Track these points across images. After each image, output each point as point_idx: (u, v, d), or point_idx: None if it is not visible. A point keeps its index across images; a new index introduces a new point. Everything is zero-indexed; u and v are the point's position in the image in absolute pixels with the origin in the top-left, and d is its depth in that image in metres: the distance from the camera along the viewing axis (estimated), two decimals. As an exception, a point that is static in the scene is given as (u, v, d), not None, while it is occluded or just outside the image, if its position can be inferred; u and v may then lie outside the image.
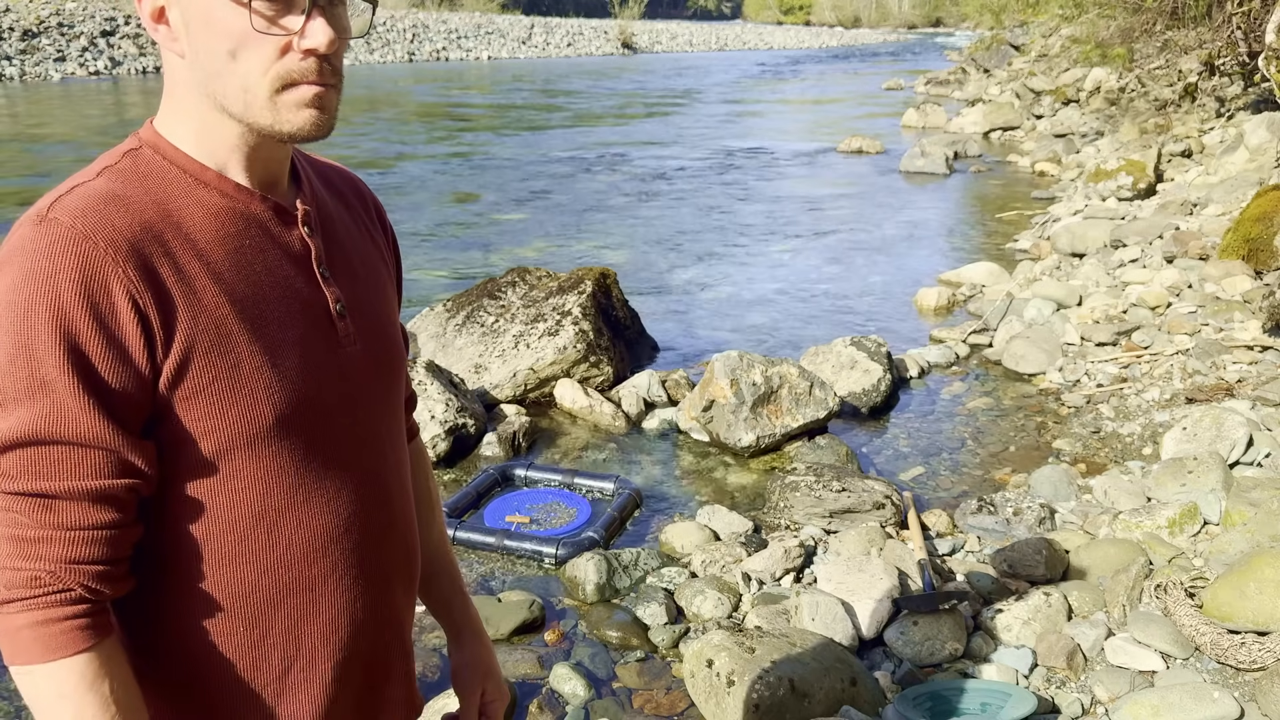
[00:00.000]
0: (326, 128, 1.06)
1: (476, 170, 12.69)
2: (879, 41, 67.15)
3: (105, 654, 1.00)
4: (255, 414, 1.03)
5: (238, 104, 1.02)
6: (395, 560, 1.22)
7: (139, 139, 1.08)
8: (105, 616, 1.01)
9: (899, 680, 2.91)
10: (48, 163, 12.62)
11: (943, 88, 24.00)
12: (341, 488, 1.13)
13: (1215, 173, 8.97)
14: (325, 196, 1.21)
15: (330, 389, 1.11)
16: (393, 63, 34.77)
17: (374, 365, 1.18)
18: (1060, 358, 5.43)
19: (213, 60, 1.01)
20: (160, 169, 1.05)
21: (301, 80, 1.02)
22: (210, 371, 1.00)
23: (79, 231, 0.96)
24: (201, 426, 1.02)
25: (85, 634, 0.98)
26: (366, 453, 1.17)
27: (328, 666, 1.15)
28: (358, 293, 1.17)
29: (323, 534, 1.12)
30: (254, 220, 1.08)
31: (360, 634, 1.18)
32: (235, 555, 1.07)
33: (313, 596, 1.12)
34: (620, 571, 3.49)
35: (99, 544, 0.98)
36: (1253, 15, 10.38)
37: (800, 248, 8.82)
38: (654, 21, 69.59)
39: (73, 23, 27.16)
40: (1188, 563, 3.30)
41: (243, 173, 1.08)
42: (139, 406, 0.99)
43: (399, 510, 1.23)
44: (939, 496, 4.17)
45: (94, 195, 1.00)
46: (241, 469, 1.05)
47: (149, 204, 1.02)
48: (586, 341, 5.12)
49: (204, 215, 1.04)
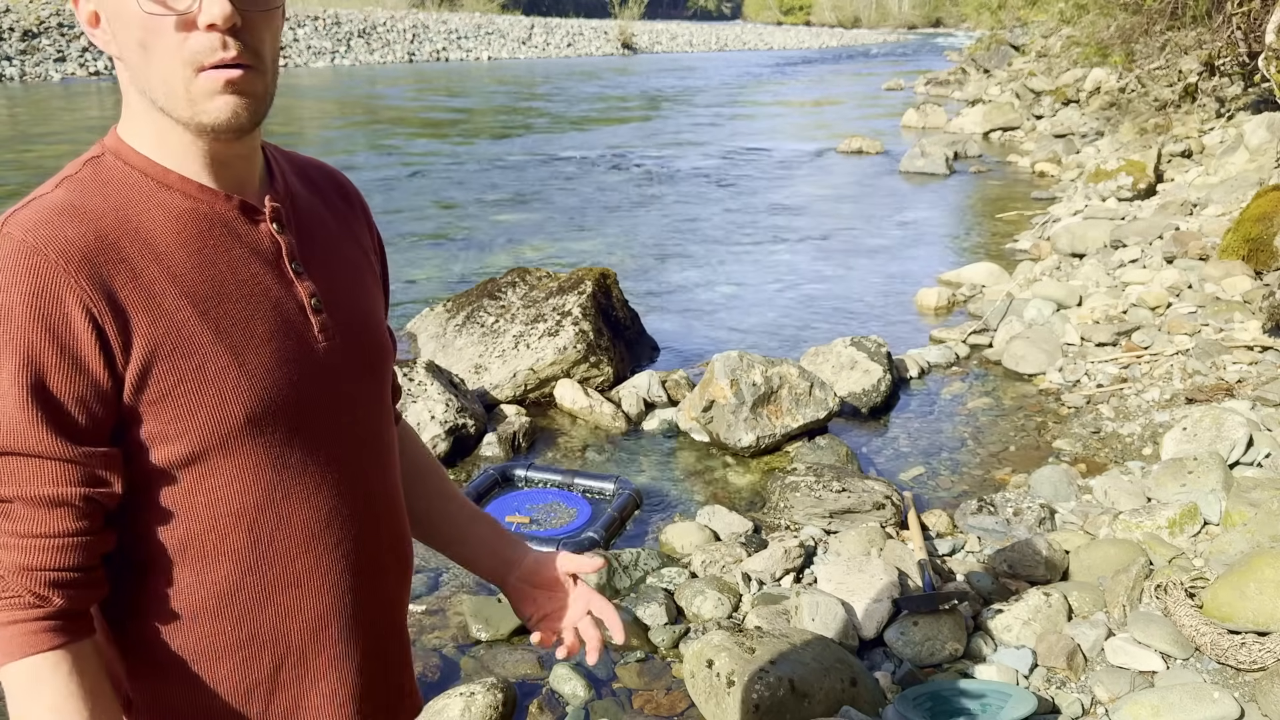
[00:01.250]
0: (250, 116, 1.03)
1: (476, 170, 12.68)
2: (879, 42, 67.16)
3: (61, 660, 0.99)
4: (224, 414, 1.03)
5: (160, 97, 1.01)
6: (385, 555, 1.22)
7: (103, 146, 1.07)
8: (68, 622, 1.01)
9: (899, 680, 2.91)
10: (48, 163, 12.62)
11: (943, 88, 24.00)
12: (323, 483, 1.12)
13: (1215, 173, 8.97)
14: (301, 192, 1.20)
15: (308, 384, 1.10)
16: (393, 63, 34.77)
17: (355, 360, 1.17)
18: (1060, 358, 5.43)
19: (132, 55, 1.01)
20: (122, 175, 1.05)
21: (210, 62, 0.99)
22: (174, 374, 1.01)
23: (30, 245, 0.96)
24: (173, 429, 1.02)
25: (37, 639, 0.98)
26: (350, 447, 1.16)
27: (320, 662, 1.15)
28: (335, 288, 1.17)
29: (305, 529, 1.11)
30: (218, 220, 1.07)
31: (352, 629, 1.17)
32: (218, 554, 1.07)
33: (300, 593, 1.12)
34: (620, 572, 3.49)
35: (53, 551, 0.98)
36: (1253, 15, 10.38)
37: (800, 248, 8.82)
38: (654, 22, 69.58)
39: (73, 23, 27.15)
40: (1188, 563, 3.30)
41: (205, 172, 1.07)
42: (98, 416, 0.99)
43: (387, 504, 1.22)
44: (939, 496, 4.17)
45: (48, 208, 1.00)
46: (217, 468, 1.05)
47: (107, 211, 1.01)
48: (586, 342, 5.12)
49: (165, 218, 1.04)
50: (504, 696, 2.79)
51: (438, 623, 3.28)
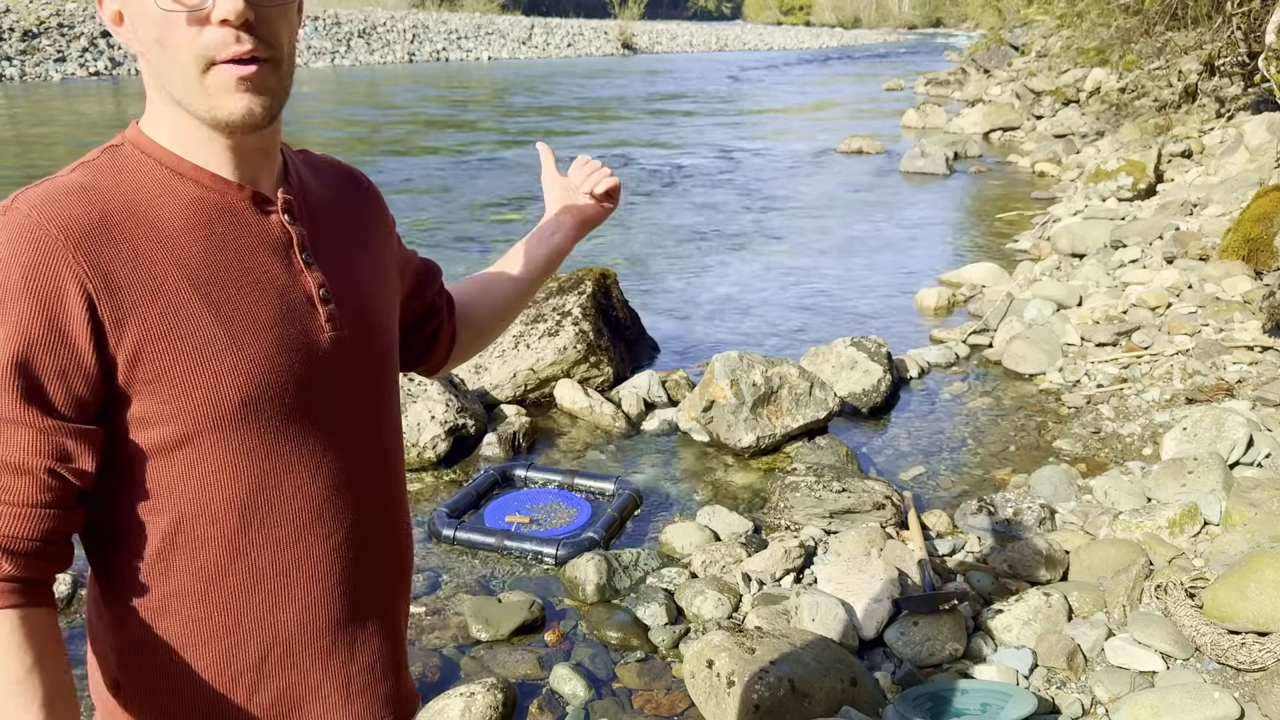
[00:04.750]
0: (265, 111, 1.05)
1: (476, 170, 12.69)
2: (879, 42, 67.15)
3: (11, 622, 0.98)
4: (219, 396, 1.04)
5: (179, 92, 1.04)
6: (380, 548, 1.21)
7: (123, 137, 1.10)
8: (23, 586, 0.99)
9: (899, 681, 2.91)
10: (48, 163, 12.62)
11: (943, 88, 24.00)
12: (318, 472, 1.12)
13: (1215, 173, 8.97)
14: (316, 188, 1.21)
15: (309, 373, 1.11)
16: (393, 63, 34.77)
17: (363, 351, 1.18)
18: (1060, 358, 5.43)
19: (152, 51, 1.03)
20: (137, 163, 1.07)
21: (223, 57, 1.01)
22: (170, 354, 1.02)
23: (34, 220, 0.99)
24: (167, 410, 1.03)
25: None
26: (349, 439, 1.16)
27: (308, 653, 1.15)
28: (346, 281, 1.17)
29: (297, 518, 1.11)
30: (228, 209, 1.09)
31: (342, 621, 1.17)
32: (207, 539, 1.08)
33: (288, 582, 1.12)
34: (620, 572, 3.49)
35: (11, 518, 0.99)
36: (1253, 15, 10.38)
37: (800, 248, 8.82)
38: (654, 22, 69.54)
39: (73, 23, 27.16)
40: (1188, 563, 3.30)
41: (221, 164, 1.09)
42: (78, 392, 1.00)
43: (384, 500, 1.22)
44: (939, 496, 4.17)
45: (57, 187, 1.03)
46: (210, 452, 1.05)
47: (116, 194, 1.04)
48: (586, 342, 5.13)
49: (175, 204, 1.06)
50: (504, 696, 2.79)
51: (438, 623, 3.28)
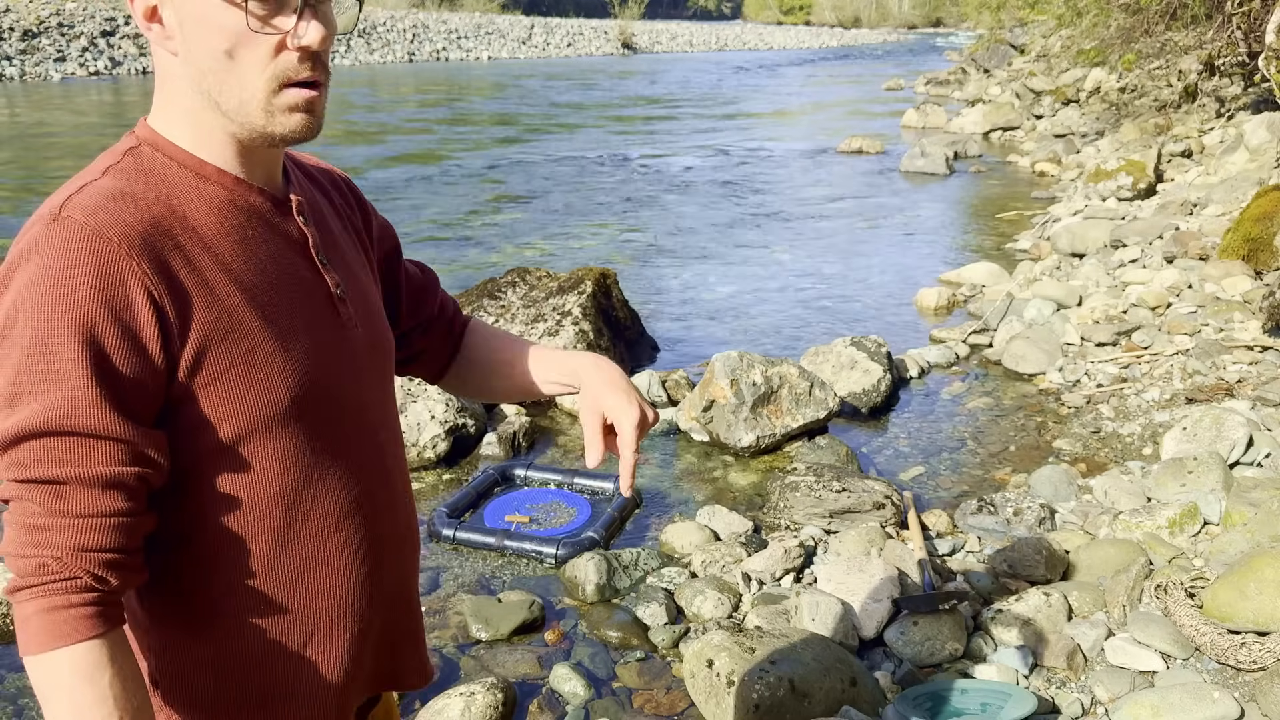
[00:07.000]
0: (315, 130, 1.10)
1: (476, 170, 12.68)
2: (879, 42, 67.13)
3: (108, 645, 1.00)
4: (271, 397, 1.07)
5: (233, 102, 1.05)
6: (401, 532, 1.28)
7: (136, 137, 1.10)
8: (113, 608, 1.02)
9: (899, 680, 2.91)
10: (48, 162, 12.62)
11: (943, 88, 24.00)
12: (352, 464, 1.18)
13: (1215, 173, 8.97)
14: (310, 189, 1.25)
15: (337, 370, 1.15)
16: (392, 63, 34.76)
17: (372, 347, 1.23)
18: (1060, 358, 5.43)
19: (208, 59, 1.04)
20: (161, 165, 1.08)
21: (296, 80, 1.05)
22: (227, 358, 1.04)
23: (92, 228, 0.99)
24: (221, 411, 1.05)
25: (90, 623, 0.99)
26: (370, 430, 1.22)
27: (346, 637, 1.19)
28: (350, 279, 1.22)
29: (337, 509, 1.16)
30: (255, 212, 1.11)
31: (374, 605, 1.22)
32: (256, 534, 1.11)
33: (329, 570, 1.17)
34: (620, 571, 3.49)
35: (107, 531, 1.00)
36: (1253, 15, 10.38)
37: (800, 248, 8.82)
38: (654, 22, 69.55)
39: (73, 23, 27.16)
40: (1188, 563, 3.30)
41: (240, 167, 1.11)
42: (151, 397, 1.02)
43: (400, 485, 1.29)
44: (939, 496, 4.17)
45: (104, 193, 1.02)
46: (260, 450, 1.08)
47: (155, 200, 1.05)
48: (586, 342, 5.12)
49: (208, 209, 1.07)
50: (504, 696, 2.79)
51: (438, 623, 3.28)
